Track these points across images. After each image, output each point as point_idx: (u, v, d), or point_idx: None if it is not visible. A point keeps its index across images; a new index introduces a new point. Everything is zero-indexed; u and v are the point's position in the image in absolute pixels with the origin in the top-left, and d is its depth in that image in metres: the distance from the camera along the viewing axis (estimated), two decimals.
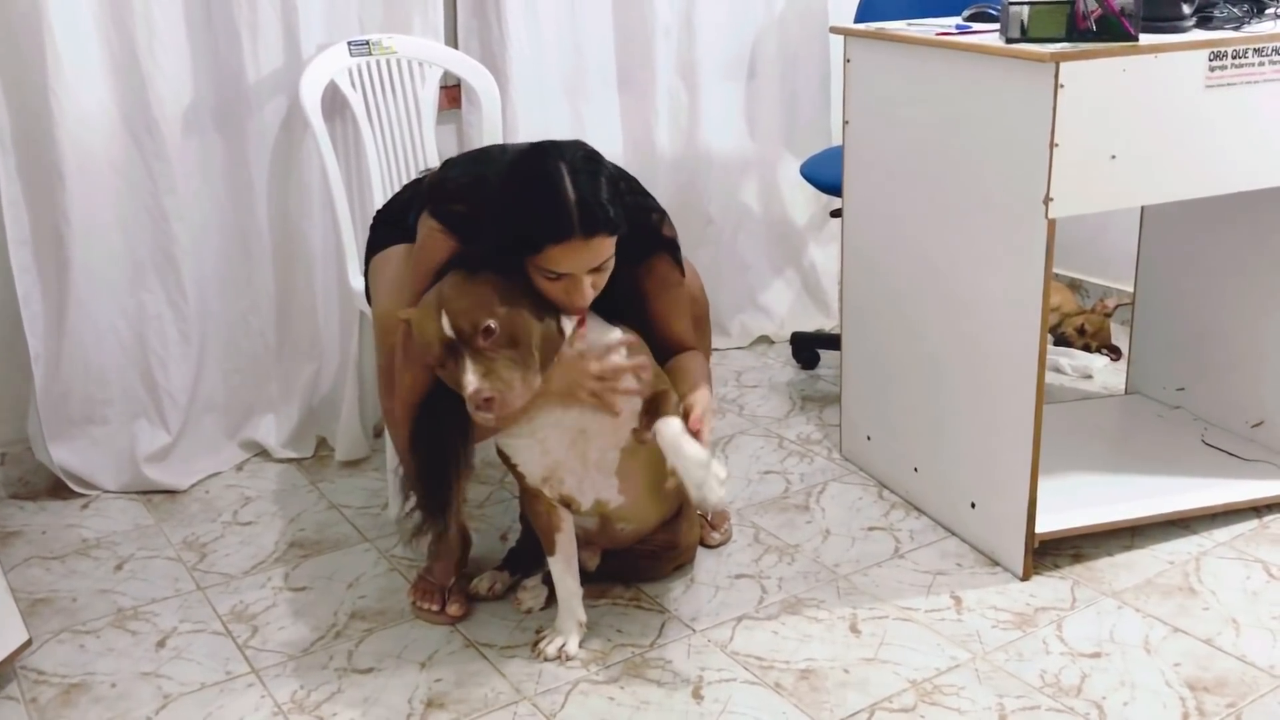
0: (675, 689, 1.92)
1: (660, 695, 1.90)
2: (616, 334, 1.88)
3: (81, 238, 2.47)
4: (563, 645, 1.99)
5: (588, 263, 1.75)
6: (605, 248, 1.76)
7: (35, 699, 1.93)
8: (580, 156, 1.77)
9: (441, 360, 1.74)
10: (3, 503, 2.57)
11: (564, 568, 2.00)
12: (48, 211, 2.45)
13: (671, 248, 1.98)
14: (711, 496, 1.75)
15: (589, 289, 1.78)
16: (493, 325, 1.70)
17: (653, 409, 1.84)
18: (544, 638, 2.02)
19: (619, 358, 1.84)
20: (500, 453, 1.95)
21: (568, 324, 1.84)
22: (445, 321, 1.72)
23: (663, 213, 2.00)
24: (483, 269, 1.78)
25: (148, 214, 2.54)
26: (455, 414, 1.82)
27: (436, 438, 1.87)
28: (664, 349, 2.02)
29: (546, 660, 1.98)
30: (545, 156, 1.76)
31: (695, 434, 1.78)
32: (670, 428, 1.78)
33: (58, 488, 2.59)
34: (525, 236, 1.74)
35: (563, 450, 1.87)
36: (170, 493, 2.61)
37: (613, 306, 1.93)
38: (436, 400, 1.81)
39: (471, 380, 1.69)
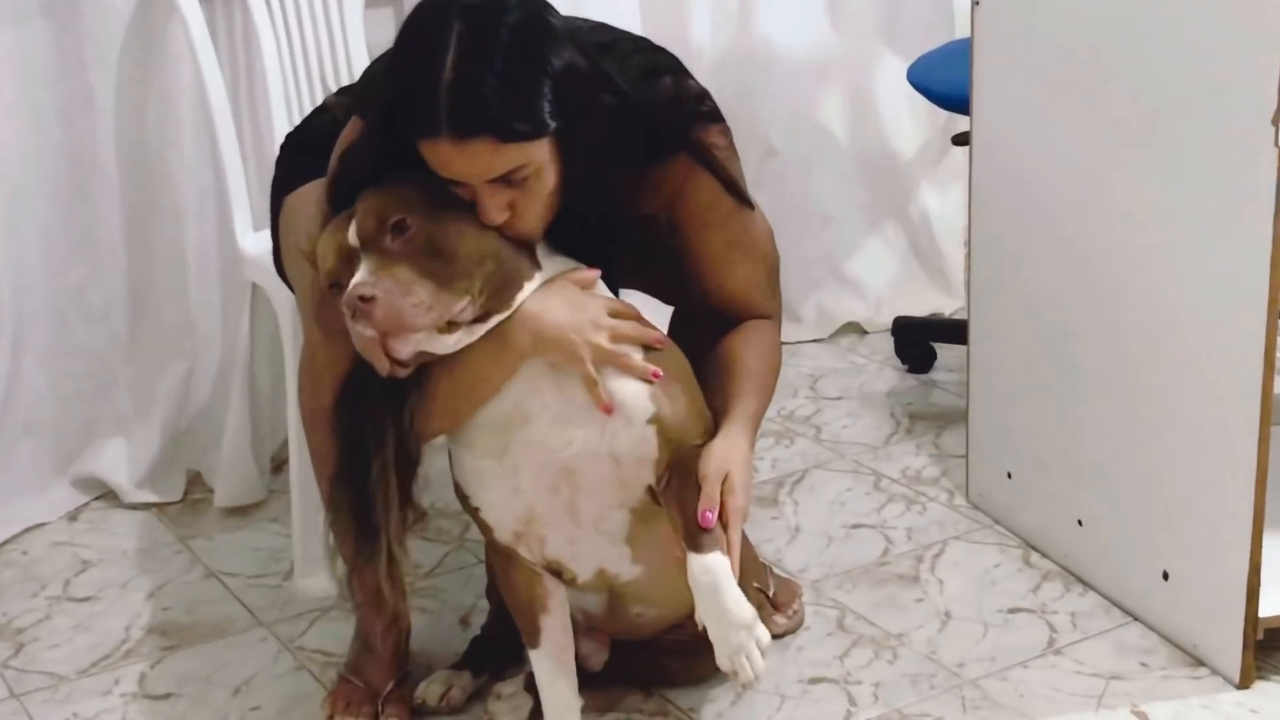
0: None
1: None
2: (564, 264, 1.88)
3: None
4: None
5: (472, 172, 1.75)
6: (498, 158, 1.74)
7: None
8: (490, 18, 1.74)
9: (338, 278, 1.76)
10: None
11: (554, 668, 2.00)
12: None
13: (706, 140, 1.95)
14: (745, 673, 1.80)
15: (493, 209, 1.77)
16: (406, 220, 1.74)
17: (682, 484, 1.85)
18: None
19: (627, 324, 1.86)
20: (458, 490, 1.95)
21: (550, 262, 1.86)
22: (352, 229, 1.76)
23: (701, 93, 1.97)
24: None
25: None
26: (390, 400, 1.84)
27: (359, 431, 1.87)
28: (713, 316, 2.02)
29: None
30: (437, 15, 1.76)
31: (707, 530, 1.80)
32: (704, 567, 1.80)
33: None
34: (394, 123, 1.76)
35: (541, 493, 1.88)
36: None
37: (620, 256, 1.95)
38: (366, 383, 1.83)
39: (357, 275, 1.72)
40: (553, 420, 1.84)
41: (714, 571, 1.79)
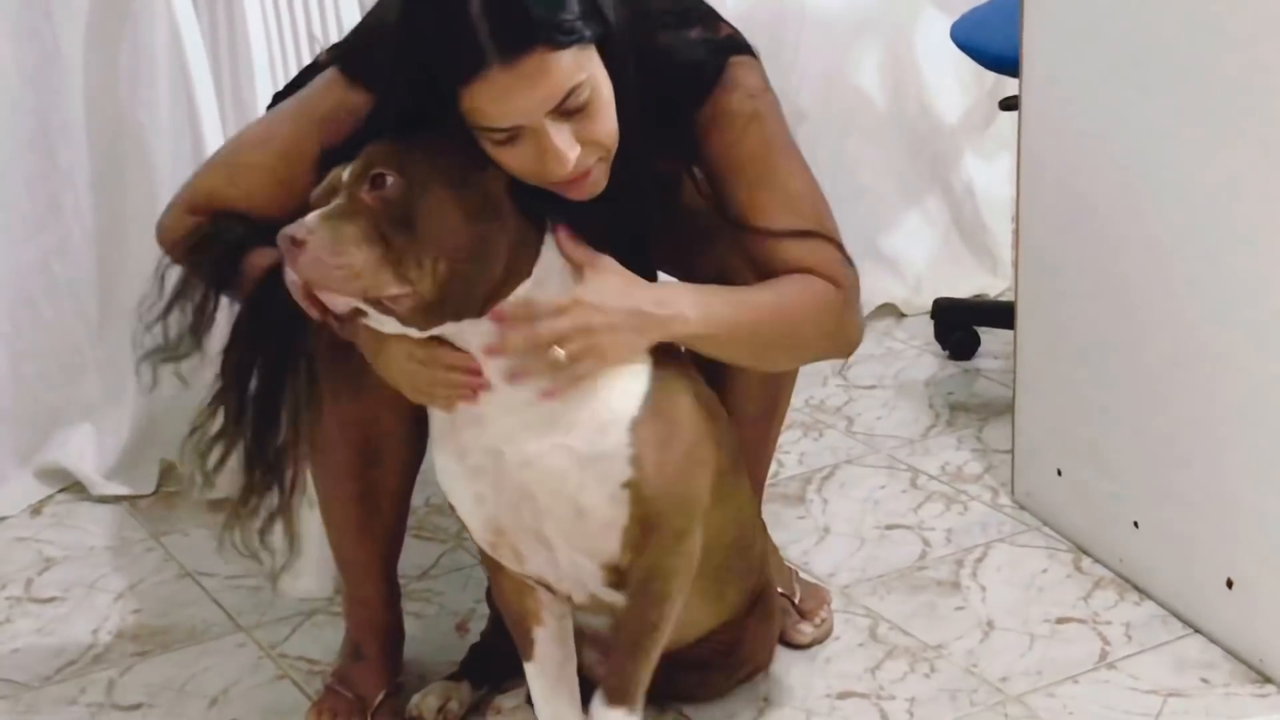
0: None
1: None
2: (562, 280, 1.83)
3: None
4: None
5: (535, 100, 1.72)
6: (555, 72, 1.72)
7: None
8: None
9: (315, 204, 1.78)
10: None
11: (549, 685, 2.00)
12: None
13: (731, 89, 1.93)
14: None
15: (567, 144, 1.75)
16: (387, 176, 1.73)
17: (627, 630, 1.91)
18: None
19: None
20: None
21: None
22: (349, 167, 1.77)
23: (733, 32, 1.98)
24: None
25: None
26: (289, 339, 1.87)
27: (247, 372, 1.90)
28: (761, 267, 1.95)
29: None
30: None
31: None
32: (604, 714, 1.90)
33: None
34: (431, 84, 1.75)
35: (504, 509, 1.87)
36: None
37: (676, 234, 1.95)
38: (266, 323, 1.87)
39: (307, 215, 1.73)
40: (507, 431, 1.81)
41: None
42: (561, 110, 1.74)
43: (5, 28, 2.63)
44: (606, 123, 1.79)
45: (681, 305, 1.83)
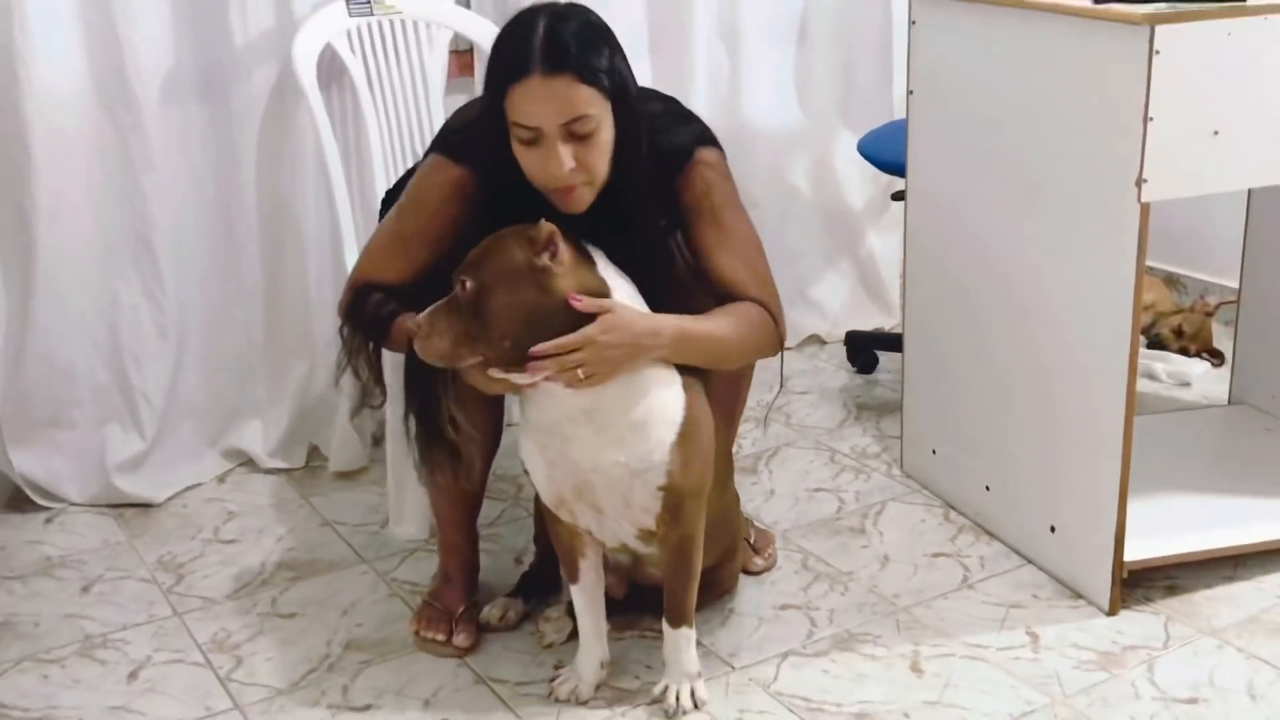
0: None
1: None
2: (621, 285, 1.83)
3: (49, 220, 2.49)
4: (574, 688, 1.99)
5: (554, 112, 1.74)
6: (575, 96, 1.74)
7: None
8: (572, 8, 1.80)
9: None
10: None
11: (587, 601, 2.00)
12: (11, 191, 2.48)
13: (700, 162, 1.94)
14: (670, 701, 1.94)
15: (565, 156, 1.76)
16: (467, 283, 1.76)
17: (674, 567, 1.93)
18: (559, 676, 2.03)
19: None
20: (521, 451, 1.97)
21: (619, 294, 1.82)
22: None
23: (705, 127, 1.99)
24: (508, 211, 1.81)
25: (123, 193, 2.56)
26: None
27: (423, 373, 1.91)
28: (715, 295, 1.95)
29: (559, 701, 1.99)
30: (529, 12, 1.80)
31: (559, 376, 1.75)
32: (674, 639, 1.95)
33: (18, 499, 2.61)
34: (493, 85, 1.78)
35: (567, 489, 1.88)
36: (144, 506, 2.63)
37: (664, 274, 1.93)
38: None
39: (428, 309, 1.78)
40: (585, 448, 1.83)
41: (679, 643, 1.95)
42: (570, 130, 1.76)
43: (199, 144, 2.63)
44: (600, 157, 1.80)
45: (666, 335, 1.82)
